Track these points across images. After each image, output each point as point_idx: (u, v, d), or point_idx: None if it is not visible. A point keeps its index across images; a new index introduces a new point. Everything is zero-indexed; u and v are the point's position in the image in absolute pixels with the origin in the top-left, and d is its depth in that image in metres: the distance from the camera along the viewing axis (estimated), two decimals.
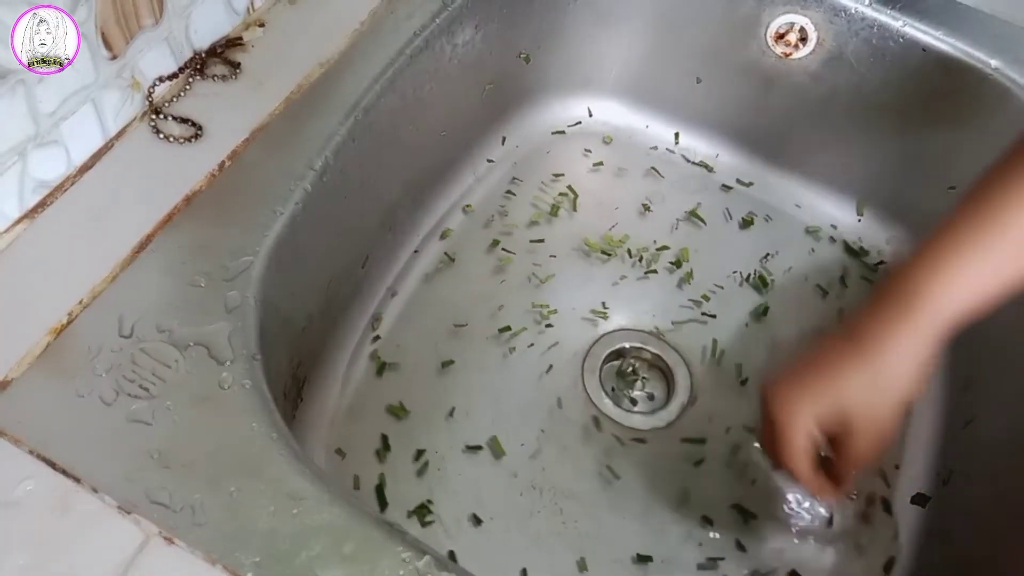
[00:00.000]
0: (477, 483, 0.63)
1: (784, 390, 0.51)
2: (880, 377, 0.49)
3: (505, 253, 0.75)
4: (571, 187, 0.80)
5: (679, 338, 0.72)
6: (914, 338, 0.48)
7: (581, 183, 0.81)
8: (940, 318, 0.48)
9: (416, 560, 0.40)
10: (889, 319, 0.49)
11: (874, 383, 0.49)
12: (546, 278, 0.74)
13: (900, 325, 0.48)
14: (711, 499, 0.64)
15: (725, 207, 0.81)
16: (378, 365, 0.67)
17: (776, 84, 0.78)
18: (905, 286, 0.49)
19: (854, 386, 0.49)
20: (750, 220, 0.80)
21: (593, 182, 0.82)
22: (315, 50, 0.62)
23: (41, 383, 0.44)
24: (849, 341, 0.50)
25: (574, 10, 0.79)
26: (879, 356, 0.49)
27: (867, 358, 0.49)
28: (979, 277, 0.48)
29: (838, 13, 0.72)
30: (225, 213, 0.52)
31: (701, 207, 0.80)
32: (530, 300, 0.72)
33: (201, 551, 0.40)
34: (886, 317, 0.49)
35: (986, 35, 0.70)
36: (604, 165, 0.83)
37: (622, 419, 0.67)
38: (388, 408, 0.65)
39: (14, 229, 0.50)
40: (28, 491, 0.41)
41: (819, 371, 0.51)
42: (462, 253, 0.75)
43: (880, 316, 0.49)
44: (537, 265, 0.75)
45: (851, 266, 0.78)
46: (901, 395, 0.49)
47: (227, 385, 0.45)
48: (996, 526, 0.57)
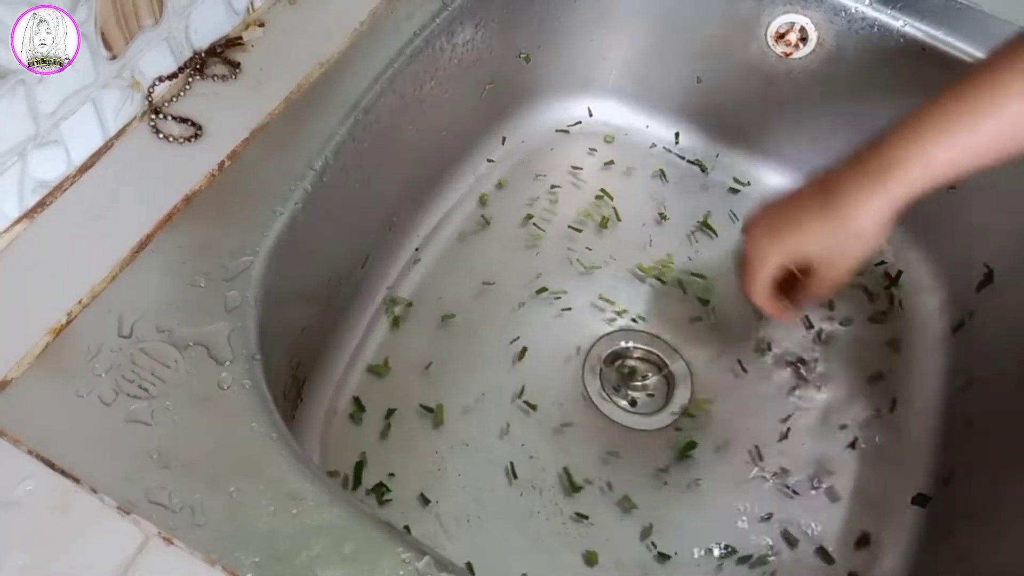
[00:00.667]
0: (477, 483, 0.63)
1: (757, 230, 0.58)
2: (842, 231, 0.53)
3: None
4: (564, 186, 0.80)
5: (679, 338, 0.72)
6: (880, 200, 0.52)
7: (581, 183, 0.81)
8: (908, 186, 0.51)
9: (416, 560, 0.40)
10: (860, 179, 0.53)
11: (835, 235, 0.54)
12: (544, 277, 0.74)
13: (869, 187, 0.52)
14: (712, 498, 0.64)
15: (726, 207, 0.81)
16: (392, 319, 0.69)
17: (776, 84, 0.78)
18: (881, 151, 0.52)
19: (818, 234, 0.54)
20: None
21: (593, 182, 0.82)
22: (315, 50, 0.62)
23: (41, 383, 0.44)
24: (821, 194, 0.55)
25: (574, 10, 0.79)
26: (844, 211, 0.53)
27: (834, 212, 0.53)
28: (952, 152, 0.51)
29: (838, 13, 0.72)
30: (225, 213, 0.52)
31: (702, 208, 0.80)
32: (533, 305, 0.73)
33: (201, 551, 0.40)
34: (858, 177, 0.53)
35: (986, 35, 0.69)
36: (604, 165, 0.83)
37: (623, 419, 0.67)
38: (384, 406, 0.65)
39: (14, 229, 0.50)
40: (28, 491, 0.41)
41: (789, 217, 0.56)
42: (497, 221, 0.76)
43: (853, 175, 0.53)
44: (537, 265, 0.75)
45: None
46: (858, 250, 0.54)
47: (227, 385, 0.45)
48: (996, 526, 0.57)
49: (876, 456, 0.67)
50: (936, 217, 0.76)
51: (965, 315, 0.72)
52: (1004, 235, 0.70)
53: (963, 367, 0.70)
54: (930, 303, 0.76)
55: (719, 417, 0.68)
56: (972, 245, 0.73)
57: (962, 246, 0.74)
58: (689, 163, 0.84)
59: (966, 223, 0.74)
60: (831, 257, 0.55)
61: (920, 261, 0.78)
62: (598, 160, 0.83)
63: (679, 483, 0.64)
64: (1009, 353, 0.66)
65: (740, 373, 0.71)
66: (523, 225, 0.78)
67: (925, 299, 0.76)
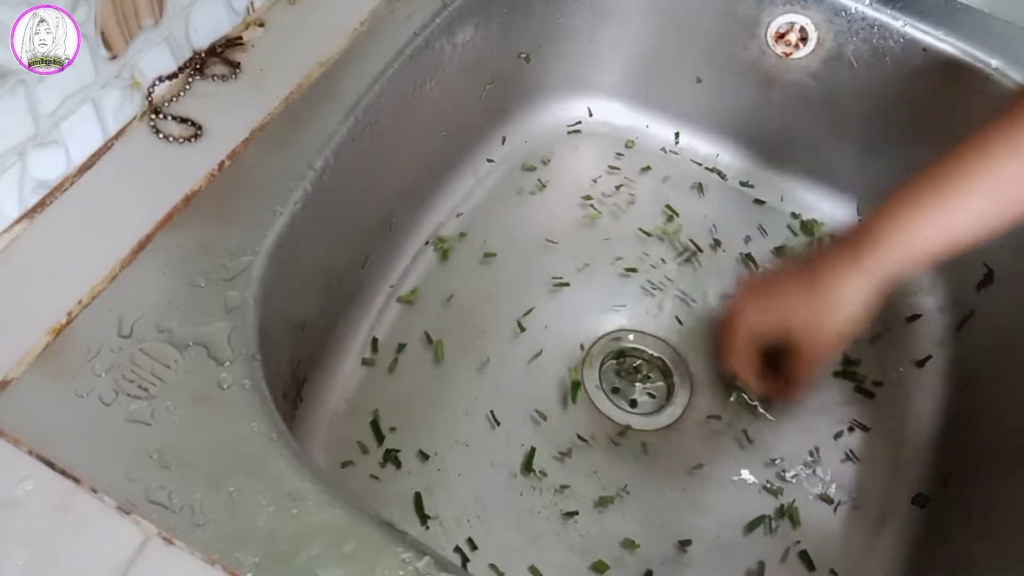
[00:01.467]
0: (477, 483, 0.63)
1: (739, 300, 0.59)
2: (823, 308, 0.54)
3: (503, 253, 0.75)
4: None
5: (678, 336, 0.72)
6: (862, 280, 0.53)
7: (581, 183, 0.81)
8: (887, 267, 0.52)
9: (416, 561, 0.40)
10: (843, 258, 0.53)
11: (816, 312, 0.54)
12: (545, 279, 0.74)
13: (852, 266, 0.53)
14: (712, 498, 0.64)
15: (726, 207, 0.81)
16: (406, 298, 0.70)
17: (776, 84, 0.78)
18: (865, 231, 0.53)
19: (799, 310, 0.55)
20: (748, 219, 0.80)
21: (593, 182, 0.82)
22: (315, 50, 0.62)
23: (40, 383, 0.44)
24: (806, 270, 0.56)
25: (574, 10, 0.79)
26: (827, 289, 0.54)
27: (817, 289, 0.54)
28: (934, 234, 0.51)
29: (838, 13, 0.72)
30: (225, 213, 0.52)
31: (702, 208, 0.80)
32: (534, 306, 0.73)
33: (200, 551, 0.40)
34: (842, 256, 0.54)
35: (986, 35, 0.70)
36: (604, 165, 0.83)
37: (622, 419, 0.67)
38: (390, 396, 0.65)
39: (14, 229, 0.50)
40: (27, 491, 0.41)
41: (773, 290, 0.58)
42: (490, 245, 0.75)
43: (837, 253, 0.54)
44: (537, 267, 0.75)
45: None
46: (840, 329, 0.55)
47: (227, 385, 0.45)
48: (996, 526, 0.57)
49: (876, 456, 0.67)
50: None
51: (965, 315, 0.72)
52: (1004, 235, 0.70)
53: (963, 367, 0.70)
54: (930, 303, 0.76)
55: (718, 416, 0.68)
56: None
57: None
58: (689, 163, 0.84)
59: None
60: (813, 330, 0.55)
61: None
62: (598, 160, 0.83)
63: (680, 480, 0.64)
64: (1009, 353, 0.66)
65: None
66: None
67: (925, 299, 0.76)
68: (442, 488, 0.62)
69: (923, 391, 0.71)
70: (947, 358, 0.72)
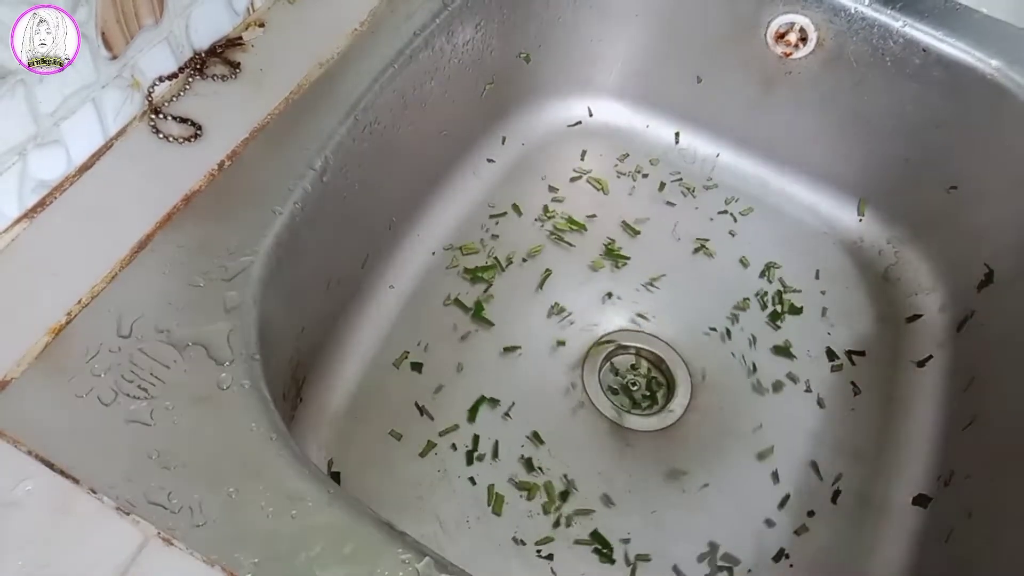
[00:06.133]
0: (477, 483, 0.63)
1: None
2: None
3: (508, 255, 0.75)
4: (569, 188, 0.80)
5: (678, 337, 0.72)
6: None
7: (581, 183, 0.81)
8: None
9: (416, 561, 0.40)
10: None
11: None
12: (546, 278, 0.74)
13: None
14: (712, 499, 0.64)
15: (726, 207, 0.81)
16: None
17: (776, 84, 0.78)
18: None
19: None
20: (749, 219, 0.80)
21: (593, 182, 0.82)
22: (315, 50, 0.62)
23: (40, 383, 0.44)
24: None
25: (574, 10, 0.79)
26: None
27: None
28: None
29: (838, 13, 0.72)
30: (224, 213, 0.52)
31: (703, 208, 0.80)
32: (533, 306, 0.72)
33: (200, 552, 0.40)
34: None
35: (986, 35, 0.69)
36: (604, 165, 0.83)
37: (622, 420, 0.67)
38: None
39: (13, 229, 0.50)
40: (27, 491, 0.41)
41: None
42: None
43: None
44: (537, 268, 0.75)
45: (851, 266, 0.78)
46: None
47: (226, 385, 0.45)
48: (996, 526, 0.57)
49: (876, 457, 0.67)
50: (936, 217, 0.76)
51: (966, 315, 0.72)
52: (1004, 235, 0.70)
53: (963, 367, 0.70)
54: (930, 303, 0.76)
55: (718, 416, 0.68)
56: (972, 245, 0.73)
57: (962, 246, 0.74)
58: (689, 163, 0.84)
59: (966, 223, 0.74)
60: None
61: (920, 261, 0.78)
62: (598, 160, 0.83)
63: (681, 480, 0.64)
64: (1010, 353, 0.66)
65: (737, 369, 0.71)
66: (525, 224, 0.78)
67: (925, 299, 0.76)
68: (443, 488, 0.62)
69: (923, 391, 0.71)
70: (947, 358, 0.72)
